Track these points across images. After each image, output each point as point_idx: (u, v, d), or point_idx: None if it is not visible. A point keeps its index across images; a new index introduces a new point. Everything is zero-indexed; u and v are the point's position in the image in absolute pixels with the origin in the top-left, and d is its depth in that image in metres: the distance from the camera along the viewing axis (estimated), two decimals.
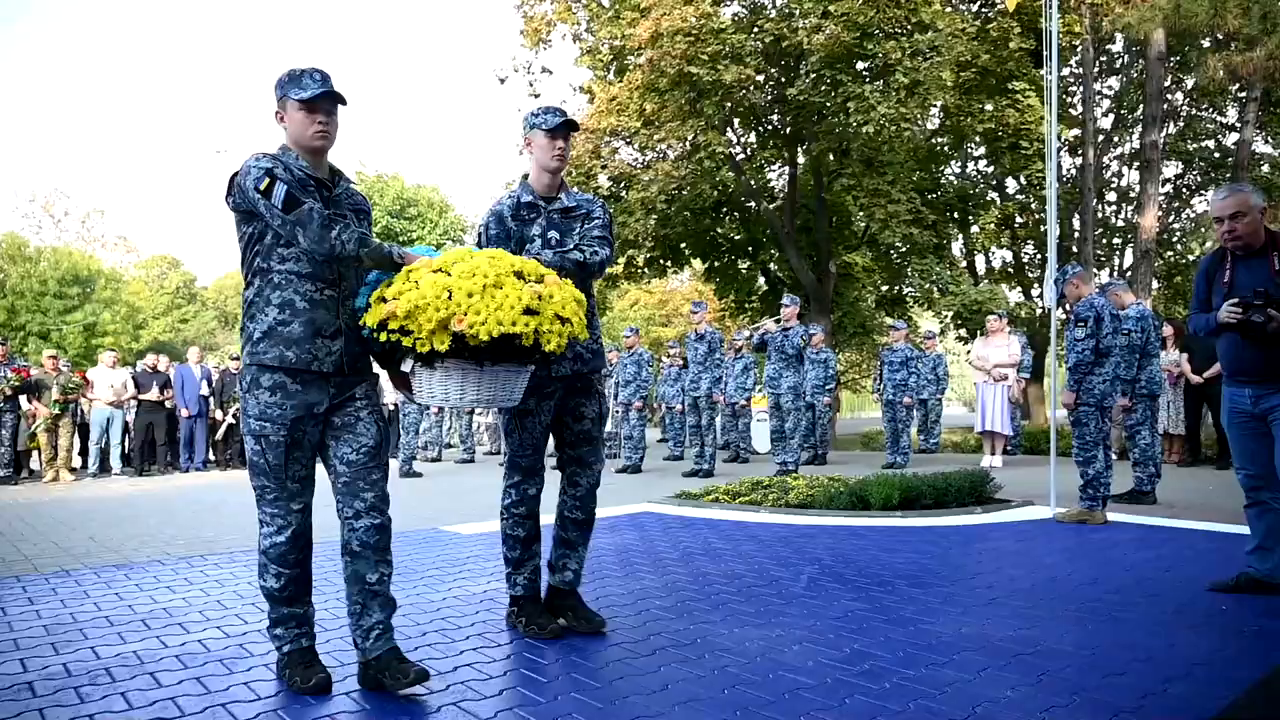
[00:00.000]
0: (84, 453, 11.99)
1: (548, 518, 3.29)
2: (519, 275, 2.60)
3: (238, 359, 13.80)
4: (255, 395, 2.55)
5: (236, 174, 2.55)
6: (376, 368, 2.81)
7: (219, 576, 4.41)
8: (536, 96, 16.93)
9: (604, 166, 15.00)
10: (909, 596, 3.75)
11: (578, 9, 15.57)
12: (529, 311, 2.52)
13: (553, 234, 3.18)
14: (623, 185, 15.10)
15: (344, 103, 2.64)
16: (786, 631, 3.20)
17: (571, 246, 3.16)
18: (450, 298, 2.44)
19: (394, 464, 10.40)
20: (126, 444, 11.98)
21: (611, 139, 14.98)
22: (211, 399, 12.55)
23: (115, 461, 11.81)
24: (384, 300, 2.51)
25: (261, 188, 2.46)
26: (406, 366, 2.72)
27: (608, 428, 13.83)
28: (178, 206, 75.17)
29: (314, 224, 2.45)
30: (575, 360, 3.15)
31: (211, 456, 12.86)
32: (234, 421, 12.61)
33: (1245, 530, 3.96)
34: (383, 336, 2.51)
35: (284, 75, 2.63)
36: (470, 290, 2.46)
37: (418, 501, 7.80)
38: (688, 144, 14.12)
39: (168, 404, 12.16)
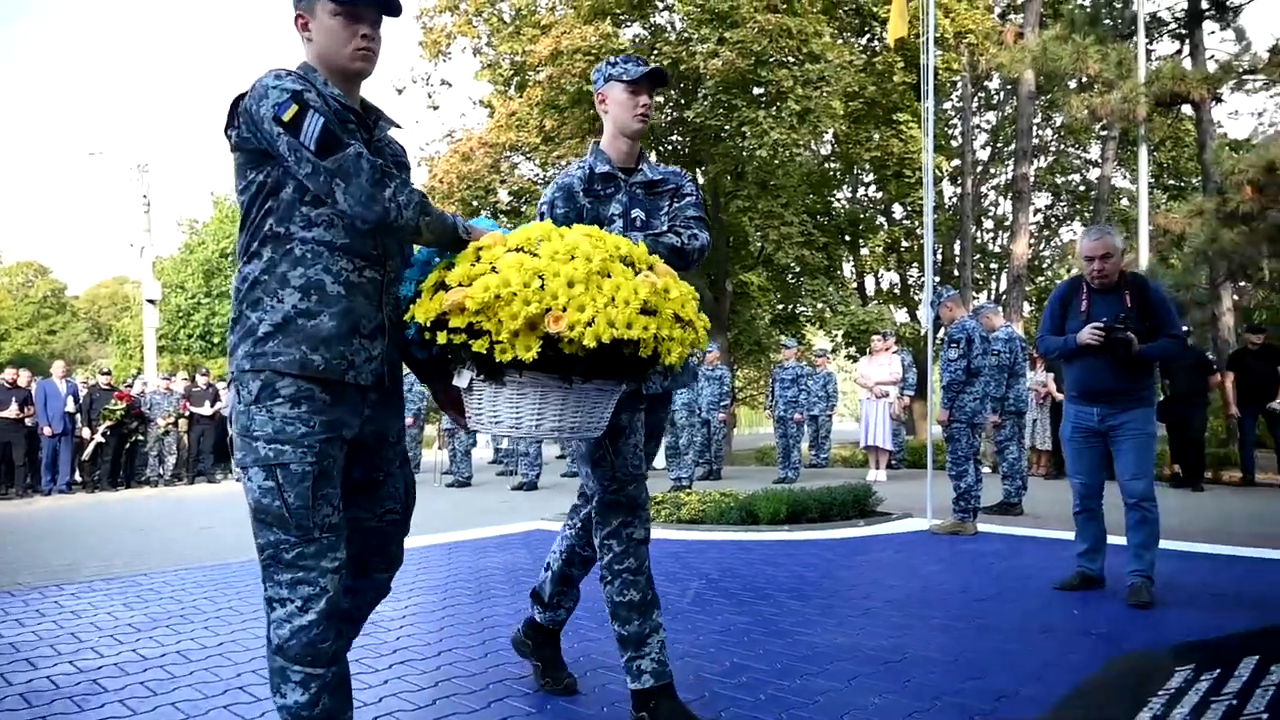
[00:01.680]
0: None
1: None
2: (626, 262, 1.97)
3: (109, 374, 13.04)
4: (267, 408, 1.79)
5: (242, 97, 1.82)
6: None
7: (75, 608, 4.13)
8: (435, 108, 16.75)
9: (503, 181, 14.93)
10: (789, 609, 3.85)
11: (479, 23, 15.49)
12: (646, 310, 1.90)
13: (637, 213, 2.56)
14: (523, 200, 15.06)
15: (397, 12, 1.95)
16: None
17: (664, 229, 2.54)
18: (543, 287, 1.81)
19: None
20: None
21: (511, 154, 14.94)
22: (78, 416, 11.78)
23: None
24: (443, 288, 1.86)
25: (286, 117, 1.74)
26: (462, 381, 1.96)
27: (503, 444, 13.70)
28: (46, 211, 70.44)
29: (363, 176, 1.75)
30: (666, 374, 2.49)
31: (77, 478, 12.05)
32: (103, 440, 11.87)
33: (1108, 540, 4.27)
34: (441, 338, 1.83)
35: None
36: (571, 278, 1.82)
37: None
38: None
39: (28, 421, 11.34)
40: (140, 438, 12.48)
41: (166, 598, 4.29)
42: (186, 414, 12.92)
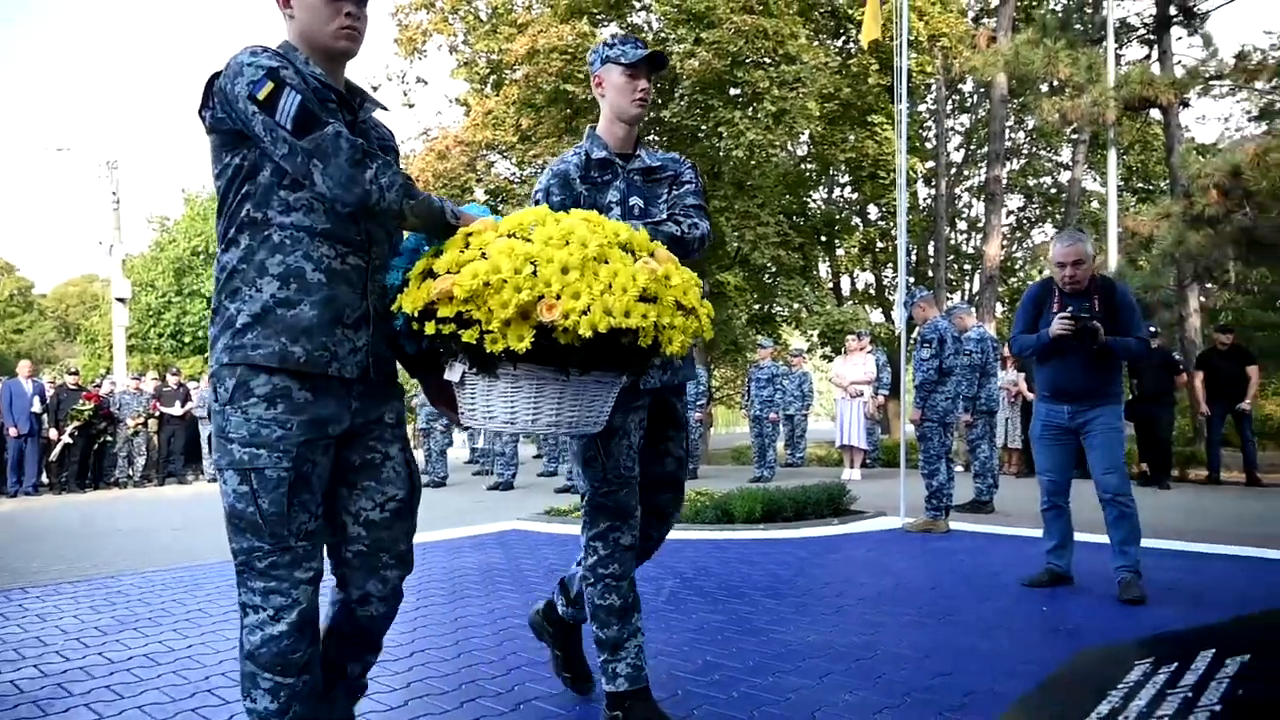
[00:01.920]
0: None
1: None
2: (625, 249, 1.87)
3: (76, 374, 12.83)
4: (242, 409, 1.71)
5: (217, 76, 1.73)
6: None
7: (41, 611, 4.07)
8: (411, 106, 16.64)
9: (479, 180, 14.87)
10: (764, 607, 3.87)
11: (455, 21, 15.43)
12: (645, 298, 1.80)
13: (635, 200, 2.47)
14: (500, 199, 15.00)
15: None
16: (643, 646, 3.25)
17: (664, 217, 2.46)
18: (535, 273, 1.71)
19: None
20: None
21: (488, 153, 14.88)
22: (44, 416, 11.58)
23: None
24: (431, 275, 1.75)
25: (261, 95, 1.65)
26: (453, 374, 1.86)
27: (479, 443, 13.64)
28: (12, 208, 69.15)
29: (341, 156, 1.66)
30: (664, 368, 2.41)
31: (45, 479, 11.85)
32: (71, 440, 11.69)
33: (1075, 536, 4.33)
34: (430, 328, 1.73)
35: None
36: (566, 264, 1.72)
37: None
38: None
39: None
40: (109, 438, 12.30)
41: (135, 600, 4.23)
42: (156, 414, 12.75)
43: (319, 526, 1.79)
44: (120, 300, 18.69)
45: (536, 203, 2.40)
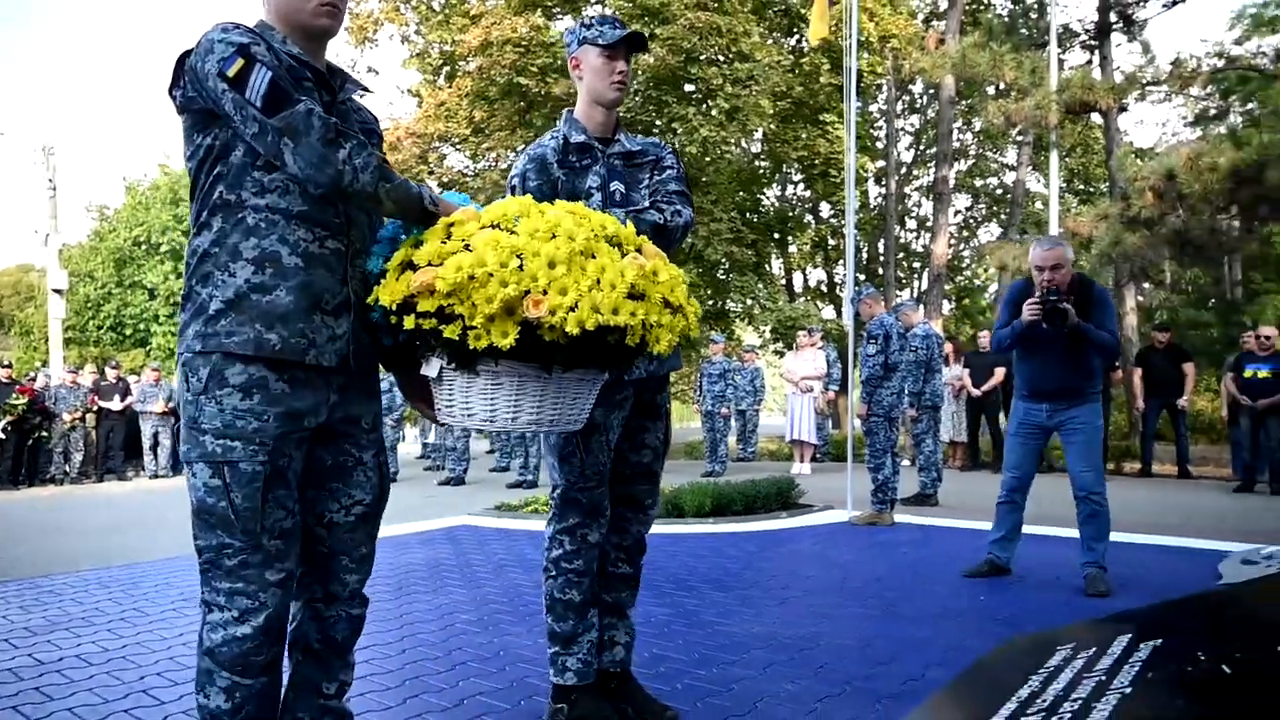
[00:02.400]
0: None
1: None
2: (613, 242, 1.81)
3: (9, 367, 12.38)
4: (215, 399, 1.64)
5: (188, 54, 1.66)
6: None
7: None
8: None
9: (432, 172, 14.71)
10: (711, 600, 3.91)
11: (407, 10, 15.22)
12: (633, 295, 1.75)
13: (616, 186, 2.38)
14: (452, 191, 14.86)
15: None
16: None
17: (646, 204, 2.37)
18: (521, 268, 1.64)
19: None
20: None
21: (440, 145, 14.72)
22: None
23: None
24: (411, 267, 1.69)
25: (231, 72, 1.59)
26: (430, 370, 1.79)
27: (430, 438, 13.51)
28: None
29: (313, 134, 1.59)
30: (648, 357, 2.24)
31: None
32: (3, 436, 11.28)
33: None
34: (409, 323, 1.66)
35: None
36: (552, 258, 1.66)
37: None
38: (517, 154, 14.13)
39: None
40: (44, 434, 11.91)
41: (68, 600, 4.11)
42: (95, 409, 12.38)
43: (294, 525, 1.71)
44: (57, 291, 18.08)
45: (513, 189, 2.34)
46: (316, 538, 1.82)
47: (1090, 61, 13.73)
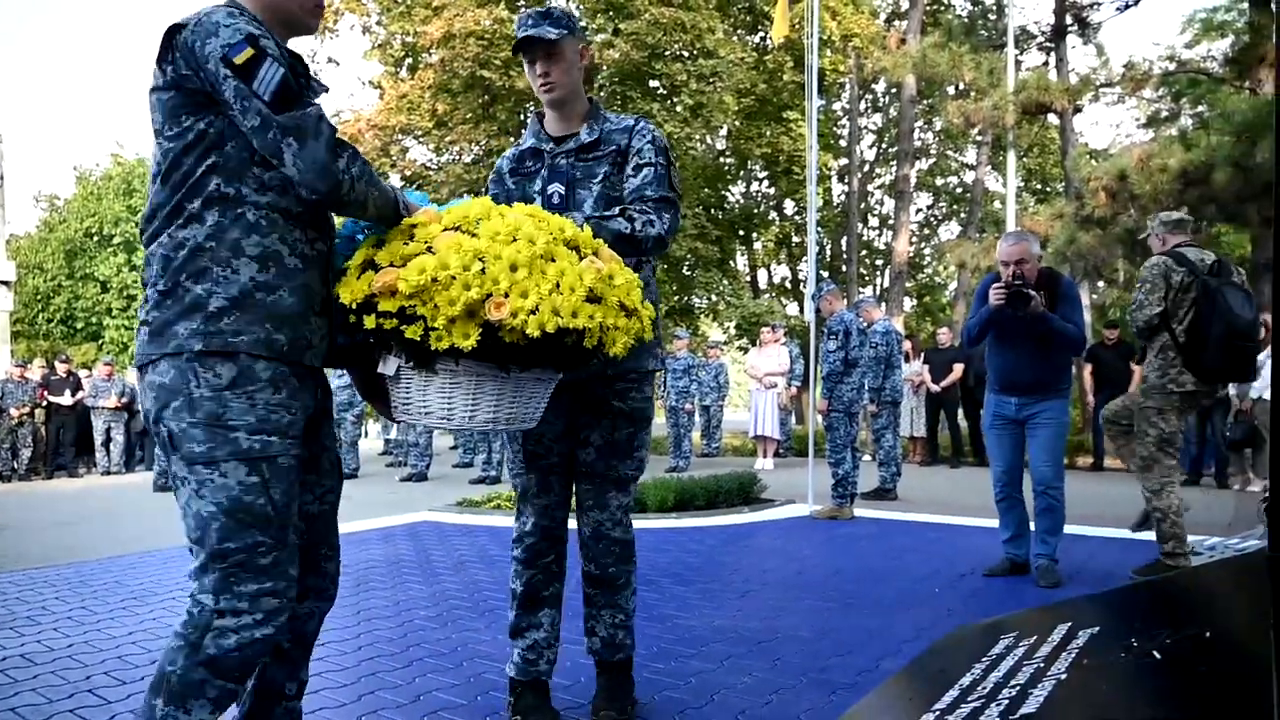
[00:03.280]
0: None
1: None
2: (570, 245, 1.83)
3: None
4: (248, 394, 1.60)
5: (178, 29, 1.59)
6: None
7: None
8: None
9: (394, 165, 14.55)
10: (671, 594, 3.93)
11: (368, 1, 15.02)
12: (591, 298, 1.77)
13: (554, 188, 2.28)
14: (415, 185, 14.71)
15: None
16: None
17: (616, 212, 2.17)
18: (483, 271, 1.66)
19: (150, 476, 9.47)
20: None
21: (402, 137, 14.57)
22: None
23: None
24: (372, 267, 1.70)
25: (238, 60, 1.53)
26: (388, 368, 1.80)
27: (392, 434, 13.37)
28: None
29: (321, 140, 1.56)
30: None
31: None
32: None
33: (970, 522, 4.50)
34: (369, 322, 1.67)
35: None
36: (514, 261, 1.68)
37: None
38: (481, 148, 14.01)
39: None
40: None
41: (12, 599, 4.01)
42: (44, 404, 12.07)
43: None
44: (4, 283, 17.57)
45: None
46: (301, 533, 1.80)
47: (1046, 63, 14.00)
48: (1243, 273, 4.17)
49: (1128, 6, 12.35)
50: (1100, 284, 16.73)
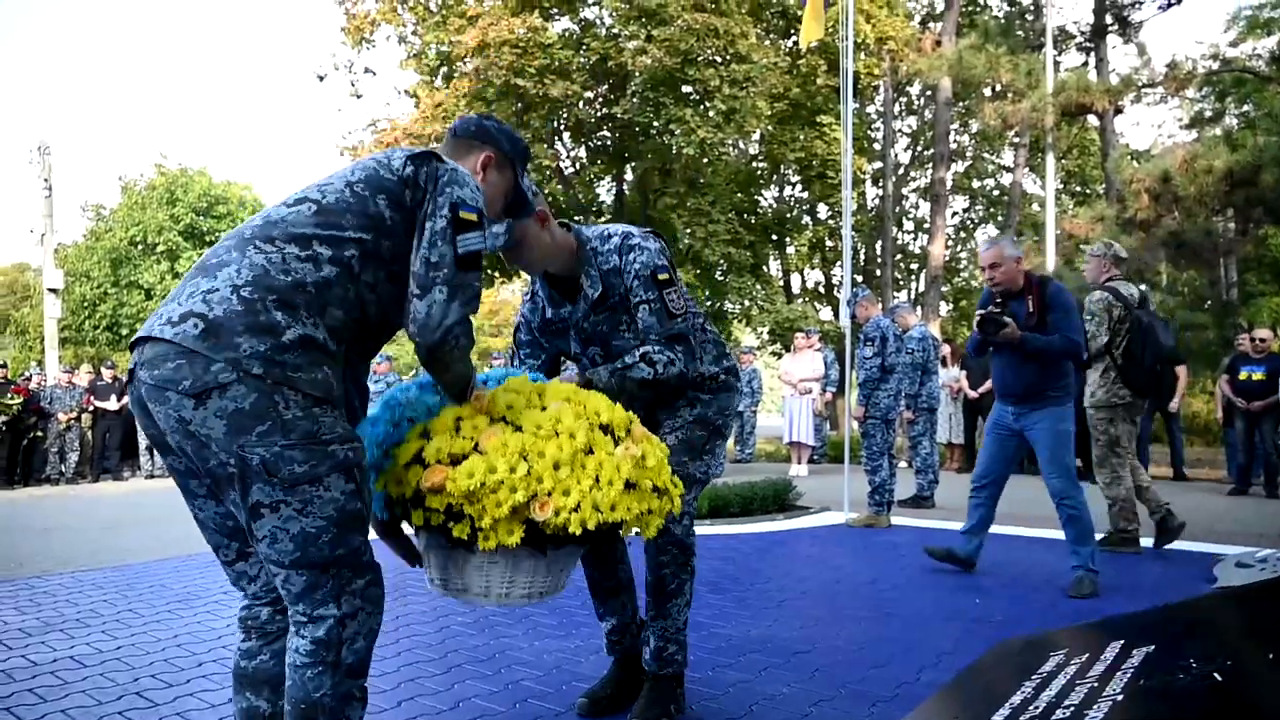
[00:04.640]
0: None
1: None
2: (605, 429, 1.90)
3: (4, 366, 12.36)
4: (330, 409, 1.66)
5: (439, 160, 1.78)
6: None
7: None
8: (359, 97, 16.36)
9: None
10: (706, 602, 3.91)
11: (403, 11, 15.19)
12: (628, 485, 1.84)
13: (593, 350, 2.41)
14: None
15: None
16: (585, 642, 3.26)
17: (637, 358, 2.24)
18: (528, 471, 1.74)
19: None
20: None
21: (437, 145, 14.71)
22: None
23: None
24: (419, 460, 1.78)
25: (464, 216, 1.71)
26: (423, 544, 1.94)
27: None
28: None
29: (466, 308, 1.71)
30: None
31: None
32: None
33: (1007, 531, 4.51)
34: (417, 518, 1.78)
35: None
36: (556, 459, 1.75)
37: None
38: None
39: None
40: (40, 434, 11.88)
41: (62, 601, 4.11)
42: (90, 409, 12.36)
43: None
44: (52, 291, 18.03)
45: (517, 328, 2.57)
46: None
47: (1086, 63, 13.78)
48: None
49: (1170, 5, 12.13)
50: (1143, 287, 16.40)
